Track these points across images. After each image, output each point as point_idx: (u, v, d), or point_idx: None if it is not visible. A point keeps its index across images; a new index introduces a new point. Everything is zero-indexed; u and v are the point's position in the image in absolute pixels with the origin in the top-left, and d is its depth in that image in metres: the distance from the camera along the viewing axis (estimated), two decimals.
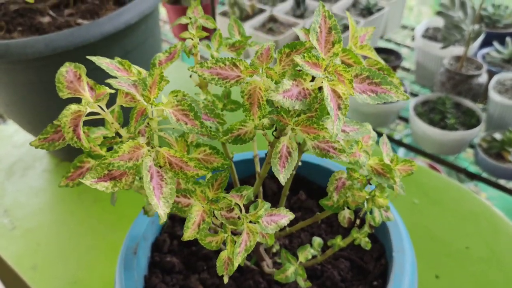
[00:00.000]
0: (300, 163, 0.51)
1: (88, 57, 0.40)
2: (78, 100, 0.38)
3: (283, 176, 0.34)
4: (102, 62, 0.40)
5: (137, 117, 0.37)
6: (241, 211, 0.36)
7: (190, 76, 0.46)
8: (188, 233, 0.34)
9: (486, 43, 1.72)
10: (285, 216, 0.37)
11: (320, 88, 0.35)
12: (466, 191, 0.89)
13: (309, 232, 0.61)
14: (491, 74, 1.58)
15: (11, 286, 0.89)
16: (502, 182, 1.42)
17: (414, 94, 1.72)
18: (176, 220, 0.64)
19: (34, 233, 0.85)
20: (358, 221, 0.47)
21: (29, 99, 0.82)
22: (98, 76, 0.45)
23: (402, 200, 0.87)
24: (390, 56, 1.79)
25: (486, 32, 1.71)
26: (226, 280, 0.37)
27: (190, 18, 0.46)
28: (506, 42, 1.68)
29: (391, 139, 1.68)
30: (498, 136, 1.37)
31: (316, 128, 0.36)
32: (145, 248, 0.59)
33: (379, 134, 1.58)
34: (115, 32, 0.79)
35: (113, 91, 0.39)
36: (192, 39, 0.46)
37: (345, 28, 1.78)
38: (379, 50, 1.83)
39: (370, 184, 0.44)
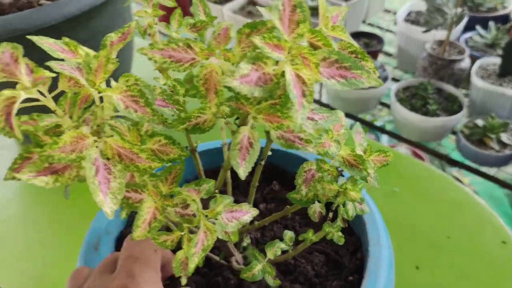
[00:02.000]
0: (270, 152, 0.48)
1: (28, 36, 0.36)
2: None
3: (243, 169, 0.31)
4: (43, 42, 0.36)
5: (80, 104, 0.33)
6: (198, 207, 0.33)
7: (150, 59, 0.42)
8: (138, 233, 0.30)
9: (469, 27, 1.70)
10: (247, 212, 0.34)
11: (284, 73, 0.31)
12: (449, 179, 0.86)
13: (283, 224, 0.58)
14: (473, 59, 1.56)
15: None
16: (484, 169, 1.41)
17: (396, 80, 1.69)
18: None
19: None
20: (331, 214, 0.44)
21: None
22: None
23: (382, 188, 0.84)
24: (372, 40, 1.76)
25: (469, 16, 1.69)
26: (184, 282, 0.33)
27: None
28: (489, 26, 1.66)
29: (373, 126, 1.65)
30: (480, 122, 1.35)
31: (280, 116, 0.32)
32: (109, 243, 0.55)
33: (360, 121, 1.54)
34: (79, 14, 0.75)
35: (54, 74, 0.35)
36: (148, 18, 0.42)
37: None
38: (361, 34, 1.79)
39: (343, 176, 0.41)
